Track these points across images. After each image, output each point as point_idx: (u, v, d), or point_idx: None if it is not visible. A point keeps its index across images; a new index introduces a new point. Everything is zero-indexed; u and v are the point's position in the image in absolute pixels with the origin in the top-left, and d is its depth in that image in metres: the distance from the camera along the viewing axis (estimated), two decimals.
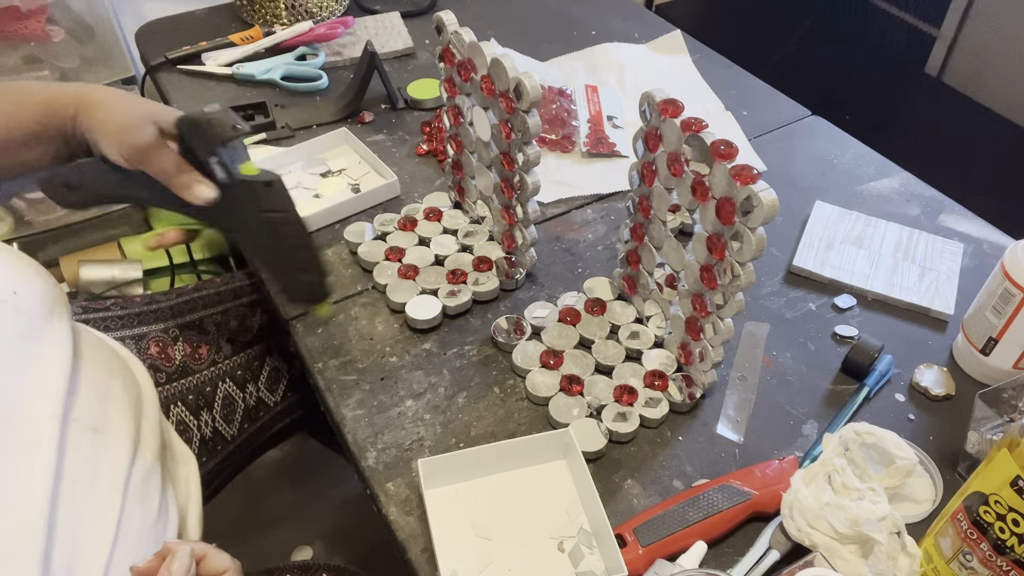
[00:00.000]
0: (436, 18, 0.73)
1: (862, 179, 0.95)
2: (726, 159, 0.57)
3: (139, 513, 0.56)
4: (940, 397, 0.70)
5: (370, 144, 0.95)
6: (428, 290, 0.77)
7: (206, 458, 0.77)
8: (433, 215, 0.85)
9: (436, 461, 0.60)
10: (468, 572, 0.57)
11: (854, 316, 0.78)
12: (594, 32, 1.20)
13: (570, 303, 0.76)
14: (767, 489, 0.60)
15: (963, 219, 0.89)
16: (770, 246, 0.84)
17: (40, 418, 0.51)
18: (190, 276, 1.44)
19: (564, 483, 0.63)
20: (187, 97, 1.04)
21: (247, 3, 1.15)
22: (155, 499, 0.59)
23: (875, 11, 2.68)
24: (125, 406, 0.61)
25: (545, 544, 0.59)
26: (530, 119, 0.66)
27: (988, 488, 0.49)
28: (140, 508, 0.57)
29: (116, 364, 0.64)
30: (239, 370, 0.82)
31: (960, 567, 0.52)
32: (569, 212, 0.89)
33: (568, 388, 0.68)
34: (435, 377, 0.71)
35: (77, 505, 0.52)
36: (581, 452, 0.62)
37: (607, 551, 0.57)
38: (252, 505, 1.38)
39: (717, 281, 0.62)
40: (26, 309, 0.54)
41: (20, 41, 1.45)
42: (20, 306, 0.53)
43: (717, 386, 0.71)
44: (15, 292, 0.53)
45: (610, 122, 1.01)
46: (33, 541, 0.47)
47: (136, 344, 0.76)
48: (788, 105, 1.07)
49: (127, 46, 1.55)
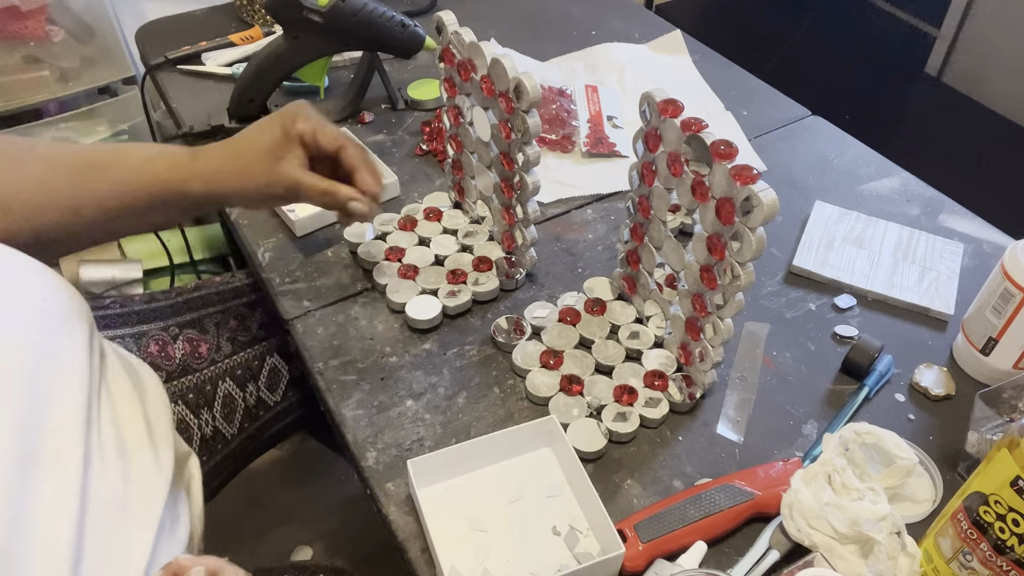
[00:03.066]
0: (436, 18, 0.73)
1: (862, 179, 0.95)
2: (726, 159, 0.57)
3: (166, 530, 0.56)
4: (940, 397, 0.70)
5: (370, 144, 0.95)
6: (428, 290, 0.77)
7: (206, 457, 0.77)
8: (433, 215, 0.85)
9: (425, 460, 0.61)
10: (467, 566, 0.57)
11: (854, 316, 0.78)
12: (594, 32, 1.20)
13: (570, 303, 0.76)
14: (769, 490, 0.60)
15: (963, 219, 0.89)
16: (770, 246, 0.84)
17: (63, 434, 0.50)
18: (190, 276, 1.44)
19: (552, 470, 0.64)
20: (187, 97, 1.04)
21: (247, 3, 1.15)
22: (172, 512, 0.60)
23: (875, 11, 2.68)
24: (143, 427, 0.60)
25: (540, 530, 0.60)
26: (530, 119, 0.66)
27: (988, 488, 0.49)
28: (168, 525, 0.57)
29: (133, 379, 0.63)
30: (239, 369, 0.82)
31: (960, 567, 0.52)
32: (569, 212, 0.89)
33: (568, 388, 0.68)
34: (435, 377, 0.71)
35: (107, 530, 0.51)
36: (566, 438, 0.62)
37: (601, 532, 0.57)
38: (252, 505, 1.38)
39: (717, 281, 0.62)
40: (54, 317, 0.54)
41: (20, 41, 1.45)
42: (50, 315, 0.53)
43: (717, 386, 0.71)
44: (44, 299, 0.53)
45: (610, 122, 1.01)
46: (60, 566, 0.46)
47: (136, 342, 0.76)
48: (788, 105, 1.07)
49: (127, 46, 1.55)
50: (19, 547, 0.44)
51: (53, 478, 0.48)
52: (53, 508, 0.47)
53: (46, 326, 0.52)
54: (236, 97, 0.95)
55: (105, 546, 0.50)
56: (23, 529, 0.45)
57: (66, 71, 1.51)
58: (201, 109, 1.00)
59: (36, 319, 0.52)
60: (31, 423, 0.48)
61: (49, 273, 0.55)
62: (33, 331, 0.51)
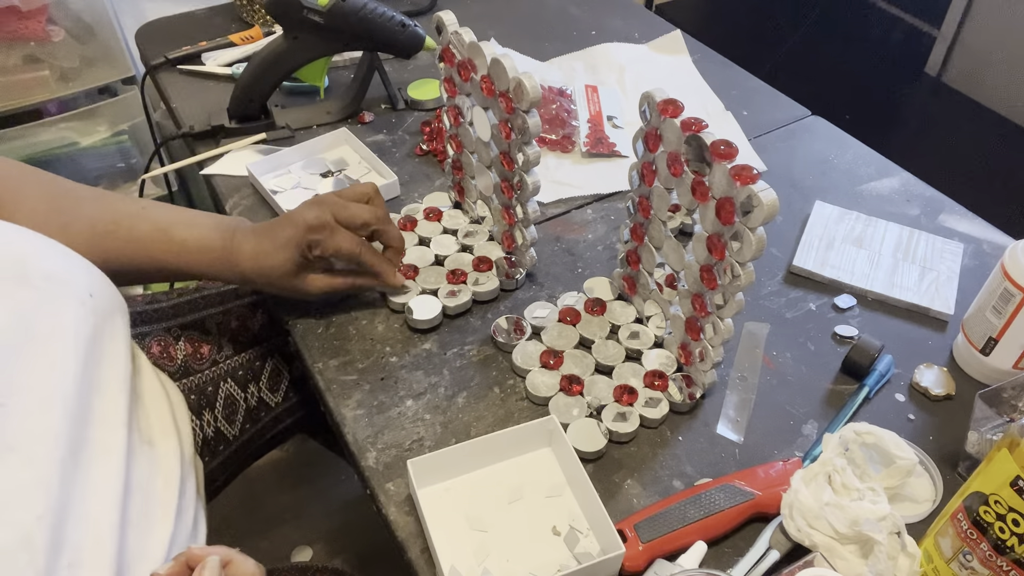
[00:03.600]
0: (436, 18, 0.73)
1: (862, 179, 0.95)
2: (726, 159, 0.57)
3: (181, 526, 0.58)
4: (940, 397, 0.70)
5: (370, 144, 0.95)
6: (428, 290, 0.77)
7: (208, 458, 0.77)
8: (433, 215, 0.85)
9: (425, 460, 0.61)
10: (467, 566, 0.57)
11: (854, 316, 0.78)
12: (594, 32, 1.20)
13: (570, 303, 0.76)
14: (770, 490, 0.60)
15: (963, 219, 0.89)
16: (770, 246, 0.84)
17: (108, 424, 0.53)
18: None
19: (552, 470, 0.64)
20: (187, 97, 1.04)
21: (247, 3, 1.15)
22: (191, 510, 0.61)
23: (875, 11, 2.68)
24: (170, 422, 0.63)
25: (540, 530, 0.60)
26: (530, 119, 0.66)
27: (988, 488, 0.49)
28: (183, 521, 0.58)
29: (157, 380, 0.66)
30: (240, 370, 0.82)
31: (960, 567, 0.52)
32: (569, 212, 0.89)
33: (568, 388, 0.68)
34: (435, 377, 0.71)
35: (138, 518, 0.53)
36: (566, 438, 0.62)
37: (601, 531, 0.57)
38: (252, 505, 1.38)
39: (717, 281, 0.62)
40: (100, 311, 0.56)
41: (20, 41, 1.45)
42: (97, 309, 0.55)
43: (717, 386, 0.71)
44: (91, 295, 0.55)
45: (610, 122, 1.01)
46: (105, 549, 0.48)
47: (138, 343, 0.76)
48: (788, 105, 1.07)
49: (127, 46, 1.55)
50: (68, 527, 0.47)
51: (100, 464, 0.51)
52: (99, 492, 0.50)
53: (94, 320, 0.55)
54: (236, 97, 0.95)
55: (140, 531, 0.53)
56: (73, 510, 0.48)
57: (66, 71, 1.51)
58: (201, 109, 1.00)
59: (85, 312, 0.54)
60: (82, 412, 0.51)
61: (94, 269, 0.58)
62: (82, 324, 0.53)
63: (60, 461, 0.47)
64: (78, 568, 0.46)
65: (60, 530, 0.46)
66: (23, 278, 0.51)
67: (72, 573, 0.46)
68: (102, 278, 0.58)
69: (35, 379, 0.49)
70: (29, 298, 0.51)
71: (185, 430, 0.67)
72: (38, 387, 0.49)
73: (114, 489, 0.51)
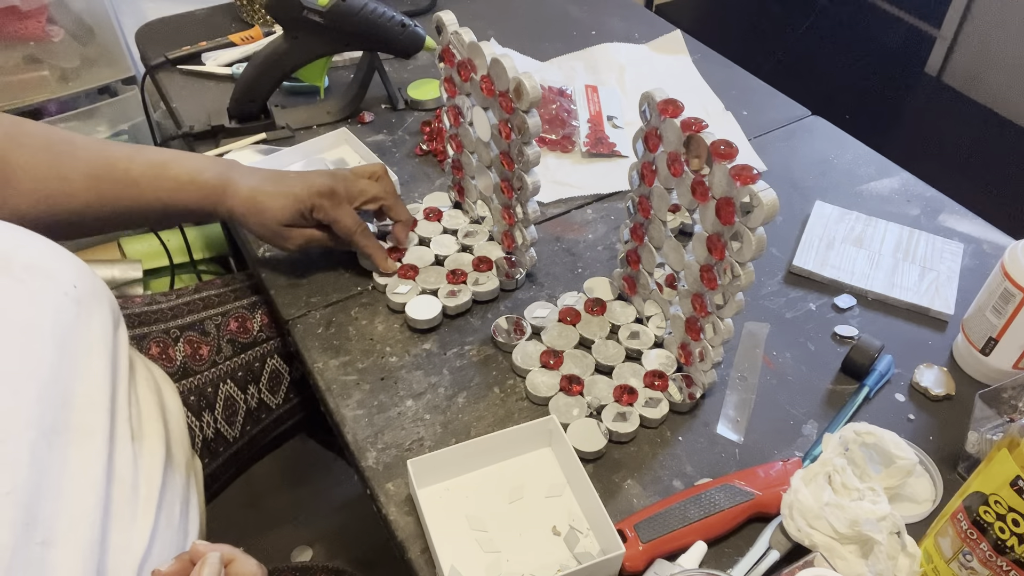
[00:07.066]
0: (436, 18, 0.73)
1: (862, 179, 0.95)
2: (726, 159, 0.57)
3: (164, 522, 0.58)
4: (940, 397, 0.70)
5: (370, 144, 0.95)
6: (428, 290, 0.77)
7: (208, 459, 0.77)
8: (433, 215, 0.85)
9: (425, 460, 0.61)
10: (467, 566, 0.57)
11: (854, 316, 0.78)
12: (594, 32, 1.20)
13: (570, 303, 0.76)
14: (770, 490, 0.60)
15: (963, 219, 0.89)
16: (770, 246, 0.84)
17: (90, 409, 0.54)
18: (190, 276, 1.45)
19: (552, 470, 0.64)
20: (187, 97, 1.04)
21: (247, 3, 1.15)
22: (178, 507, 0.61)
23: (875, 11, 2.68)
24: (159, 417, 0.64)
25: (540, 530, 0.60)
26: (530, 119, 0.66)
27: (988, 488, 0.49)
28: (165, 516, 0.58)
29: (146, 373, 0.67)
30: (240, 371, 0.82)
31: (960, 567, 0.52)
32: (569, 212, 0.89)
33: (568, 388, 0.68)
34: (435, 377, 0.71)
35: (120, 507, 0.53)
36: (566, 438, 0.62)
37: (601, 531, 0.57)
38: (252, 505, 1.38)
39: (717, 281, 0.62)
40: (82, 302, 0.57)
41: (20, 41, 1.45)
42: (80, 299, 0.56)
43: (717, 386, 0.71)
44: (75, 286, 0.57)
45: (610, 122, 1.01)
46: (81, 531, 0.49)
47: (137, 344, 0.76)
48: (788, 105, 1.07)
49: (127, 46, 1.55)
50: (42, 505, 0.47)
51: (78, 447, 0.51)
52: (77, 475, 0.50)
53: (77, 309, 0.56)
54: (236, 97, 0.95)
55: (122, 521, 0.53)
56: (49, 490, 0.48)
57: (66, 71, 1.51)
58: (201, 109, 1.00)
59: (68, 302, 0.55)
60: (59, 396, 0.51)
61: (77, 260, 0.59)
62: (63, 313, 0.54)
63: (31, 441, 0.48)
64: (51, 546, 0.46)
65: (32, 508, 0.46)
66: (5, 270, 0.53)
67: (45, 550, 0.46)
68: (86, 270, 0.59)
69: (8, 365, 0.50)
70: (9, 288, 0.52)
71: (175, 426, 0.67)
72: (10, 373, 0.49)
73: (95, 473, 0.52)
